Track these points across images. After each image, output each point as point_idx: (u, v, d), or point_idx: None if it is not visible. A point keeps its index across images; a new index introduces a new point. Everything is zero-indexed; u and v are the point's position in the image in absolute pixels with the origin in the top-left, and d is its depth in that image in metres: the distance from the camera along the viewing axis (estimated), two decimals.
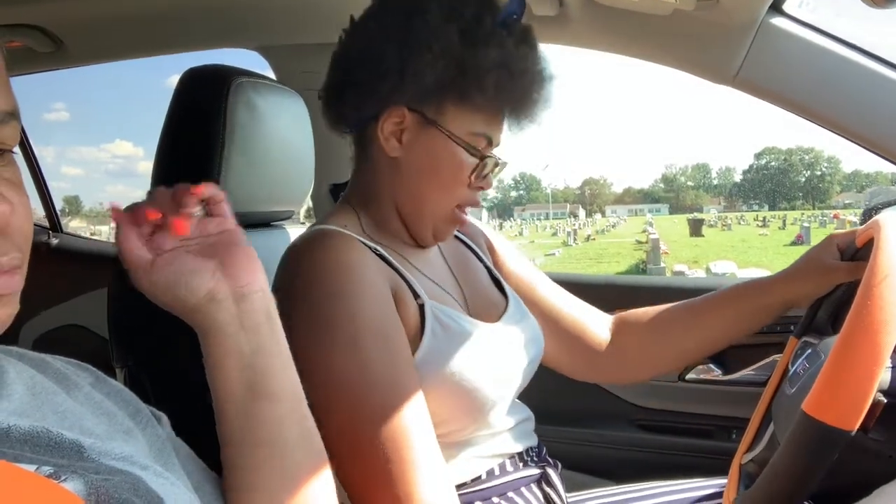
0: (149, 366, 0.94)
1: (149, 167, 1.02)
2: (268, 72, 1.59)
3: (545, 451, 0.96)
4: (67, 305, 1.93)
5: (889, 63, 0.96)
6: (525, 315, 0.96)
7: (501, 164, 0.89)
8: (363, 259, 0.79)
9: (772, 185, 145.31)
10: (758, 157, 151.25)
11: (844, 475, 0.67)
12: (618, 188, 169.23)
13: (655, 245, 19.75)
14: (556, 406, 1.24)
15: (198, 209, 0.57)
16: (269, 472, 0.56)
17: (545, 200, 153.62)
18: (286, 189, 1.13)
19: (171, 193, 0.57)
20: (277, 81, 1.19)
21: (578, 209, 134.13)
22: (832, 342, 0.66)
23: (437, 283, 0.89)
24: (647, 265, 17.99)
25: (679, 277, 7.74)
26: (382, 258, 0.83)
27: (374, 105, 0.84)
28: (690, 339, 1.02)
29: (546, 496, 0.90)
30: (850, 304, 0.65)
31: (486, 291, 0.97)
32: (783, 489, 0.66)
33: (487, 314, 0.92)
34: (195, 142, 0.97)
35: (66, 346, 0.59)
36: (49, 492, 0.38)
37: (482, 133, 0.84)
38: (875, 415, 0.62)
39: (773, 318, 0.98)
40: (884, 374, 0.63)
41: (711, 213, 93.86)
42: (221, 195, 0.58)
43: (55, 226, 2.04)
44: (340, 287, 0.75)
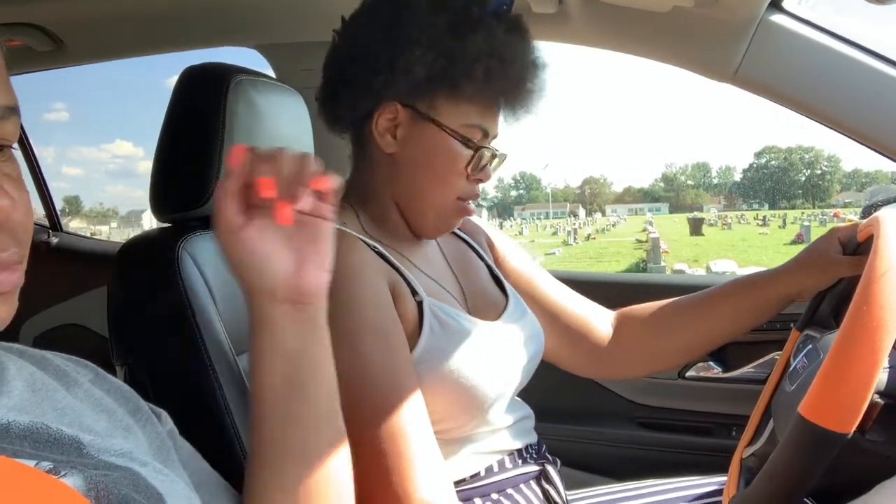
0: (149, 364, 0.94)
1: (149, 167, 1.02)
2: (267, 70, 1.59)
3: (544, 449, 0.96)
4: (67, 304, 1.92)
5: (889, 60, 0.96)
6: (525, 313, 0.96)
7: (501, 157, 0.89)
8: (363, 258, 0.79)
9: (772, 184, 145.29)
10: (758, 156, 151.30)
11: (843, 474, 0.67)
12: (618, 187, 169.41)
13: (656, 244, 19.75)
14: (556, 403, 1.24)
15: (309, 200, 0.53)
16: (297, 477, 0.56)
17: (545, 200, 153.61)
18: None
19: (292, 174, 0.53)
20: (277, 80, 1.20)
21: (578, 208, 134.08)
22: (832, 339, 0.66)
23: (437, 281, 0.89)
24: (648, 264, 18.00)
25: (680, 275, 7.74)
26: (381, 256, 0.83)
27: (368, 102, 0.84)
28: (693, 335, 1.02)
29: (545, 493, 0.90)
30: (852, 298, 0.65)
31: (486, 289, 0.97)
32: (780, 490, 0.66)
33: (487, 312, 0.92)
34: (195, 140, 0.97)
35: (66, 345, 0.58)
36: (49, 487, 0.38)
37: (477, 125, 0.84)
38: (872, 416, 0.62)
39: (776, 312, 0.98)
40: (880, 376, 0.62)
41: (711, 212, 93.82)
42: (337, 187, 0.55)
43: (55, 225, 2.04)
44: (340, 286, 0.75)
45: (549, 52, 0.89)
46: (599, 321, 1.06)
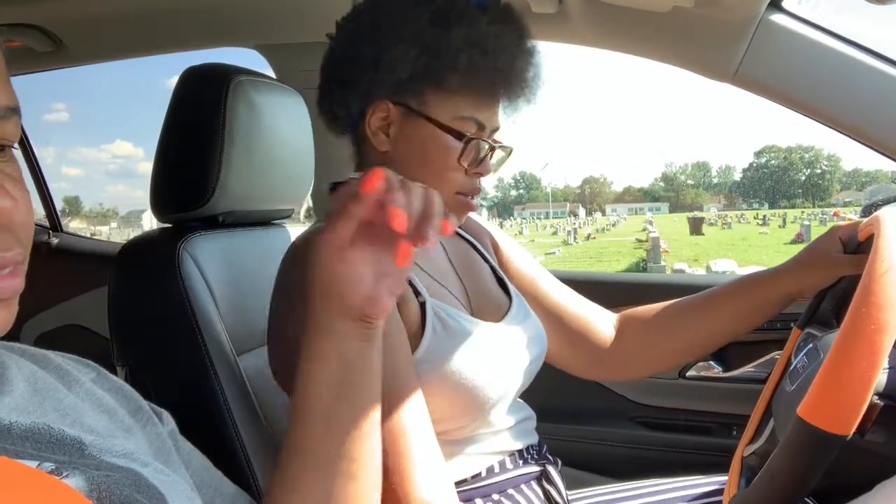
0: (149, 364, 0.94)
1: (149, 167, 1.02)
2: (267, 71, 1.59)
3: (545, 449, 0.96)
4: (68, 305, 1.93)
5: (889, 60, 0.96)
6: (528, 315, 0.96)
7: (506, 150, 0.88)
8: None
9: (772, 184, 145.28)
10: (758, 156, 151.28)
11: (843, 475, 0.67)
12: (618, 187, 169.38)
13: (656, 243, 19.75)
14: (556, 403, 1.24)
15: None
16: (329, 481, 0.57)
17: (545, 199, 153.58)
18: (286, 187, 1.13)
19: (420, 211, 0.53)
20: (277, 80, 1.20)
21: (578, 208, 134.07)
22: (832, 339, 0.66)
23: (440, 282, 0.89)
24: (648, 264, 17.99)
25: (680, 275, 7.73)
26: None
27: (360, 102, 0.84)
28: (694, 335, 1.02)
29: (546, 493, 0.90)
30: (852, 297, 0.65)
31: (490, 291, 0.97)
32: (781, 491, 0.66)
33: (490, 313, 0.92)
34: (195, 141, 0.97)
35: (67, 346, 0.59)
36: (51, 487, 0.38)
37: (469, 117, 0.83)
38: (871, 418, 0.62)
39: (777, 312, 0.98)
40: (880, 377, 0.62)
41: (711, 212, 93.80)
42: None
43: (55, 225, 2.04)
44: None
45: (549, 52, 0.88)
46: (601, 323, 1.06)
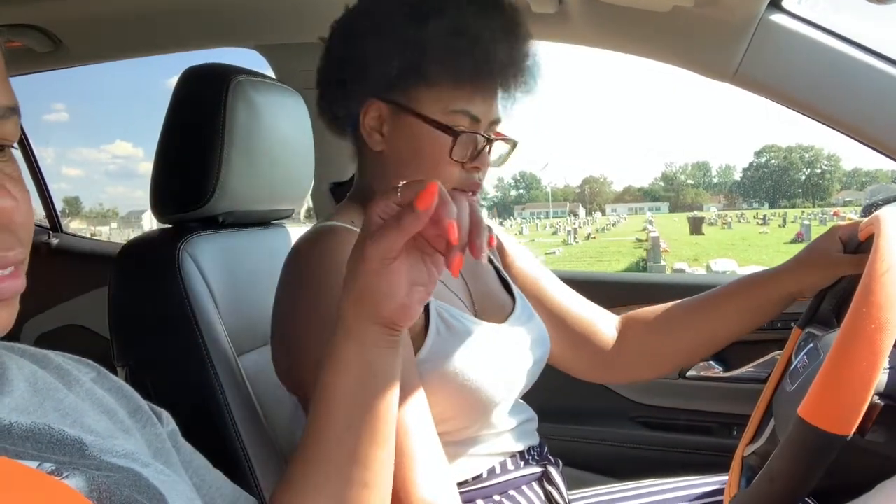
0: (149, 364, 0.94)
1: (149, 167, 1.02)
2: (267, 71, 1.59)
3: (546, 450, 0.96)
4: (68, 305, 1.93)
5: (889, 59, 0.96)
6: (532, 316, 0.96)
7: (511, 142, 0.87)
8: None
9: (772, 183, 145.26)
10: (758, 155, 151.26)
11: (843, 474, 0.67)
12: (618, 186, 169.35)
13: (656, 243, 19.75)
14: (557, 403, 1.24)
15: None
16: (341, 483, 0.57)
17: (545, 199, 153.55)
18: (286, 187, 1.13)
19: (469, 224, 0.54)
20: (277, 80, 1.20)
21: (578, 208, 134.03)
22: (832, 339, 0.66)
23: (444, 283, 0.89)
24: (648, 263, 17.99)
25: (680, 274, 7.74)
26: None
27: (352, 103, 0.84)
28: (696, 336, 1.02)
29: (547, 494, 0.90)
30: (853, 297, 0.65)
31: (494, 292, 0.96)
32: (781, 491, 0.66)
33: (494, 315, 0.91)
34: (195, 141, 0.97)
35: (67, 346, 0.59)
36: (51, 488, 0.38)
37: (461, 110, 0.81)
38: (872, 418, 0.62)
39: (778, 311, 0.98)
40: (880, 377, 0.62)
41: (711, 212, 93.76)
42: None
43: (55, 226, 2.04)
44: (341, 285, 0.75)
45: (549, 52, 0.87)
46: (604, 325, 1.06)
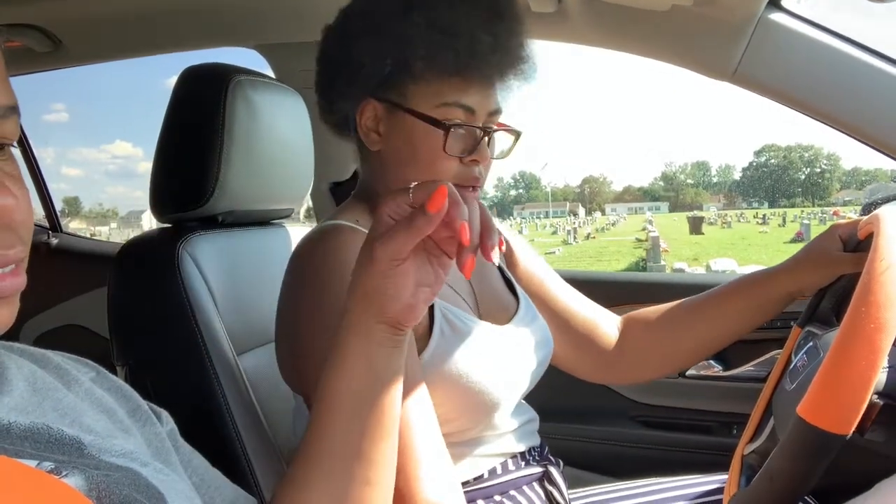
0: (149, 364, 0.95)
1: (148, 167, 1.02)
2: (267, 71, 1.59)
3: (547, 450, 0.96)
4: (67, 305, 1.93)
5: (888, 58, 0.96)
6: (535, 317, 0.96)
7: (514, 133, 0.86)
8: None
9: (771, 183, 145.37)
10: (757, 155, 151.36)
11: (842, 474, 0.67)
12: (617, 186, 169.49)
13: (655, 243, 19.74)
14: (556, 403, 1.24)
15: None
16: (344, 480, 0.57)
17: (545, 199, 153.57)
18: (285, 187, 1.13)
19: (479, 225, 0.54)
20: (277, 80, 1.20)
21: (578, 207, 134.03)
22: (832, 337, 0.66)
23: (448, 284, 0.88)
24: (648, 263, 17.99)
25: (680, 274, 7.73)
26: None
27: (348, 104, 0.84)
28: (699, 337, 1.02)
29: (548, 494, 0.90)
30: (852, 295, 0.65)
31: (498, 293, 0.96)
32: (780, 490, 0.66)
33: (498, 316, 0.91)
34: (194, 140, 0.97)
35: (67, 346, 0.59)
36: (50, 487, 0.38)
37: (454, 102, 0.80)
38: (871, 417, 0.62)
39: (779, 310, 0.98)
40: (879, 376, 0.62)
41: (711, 211, 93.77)
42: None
43: (55, 226, 2.04)
44: (345, 284, 0.75)
45: (549, 52, 0.86)
46: (606, 326, 1.06)
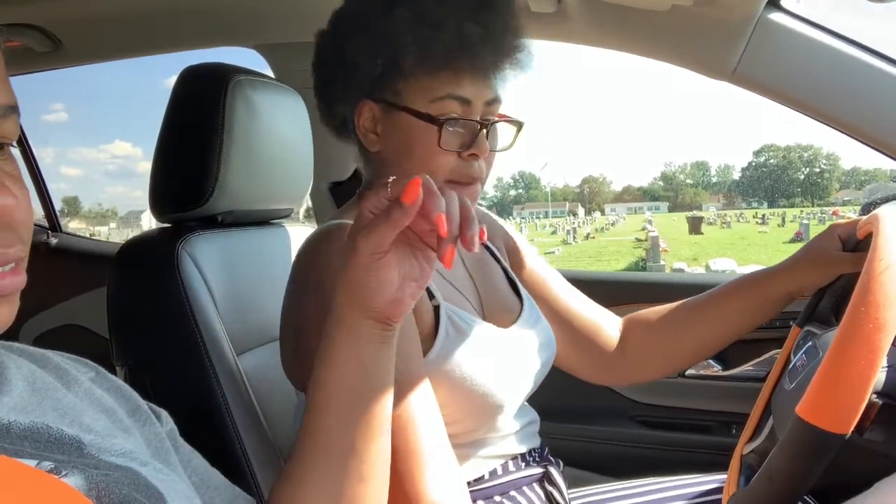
0: (148, 364, 0.95)
1: (148, 167, 1.02)
2: (267, 71, 1.59)
3: (547, 451, 0.96)
4: (67, 305, 1.92)
5: (888, 58, 0.96)
6: (539, 319, 0.96)
7: (516, 123, 0.86)
8: None
9: (771, 183, 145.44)
10: (756, 155, 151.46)
11: (841, 473, 0.67)
12: (617, 186, 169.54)
13: (655, 243, 19.74)
14: (556, 403, 1.24)
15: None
16: (340, 477, 0.58)
17: (544, 199, 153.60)
18: (285, 187, 1.13)
19: (458, 216, 0.54)
20: (276, 80, 1.20)
21: (578, 207, 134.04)
22: (831, 337, 0.66)
23: (454, 285, 0.88)
24: (647, 263, 17.98)
25: (680, 274, 7.73)
26: None
27: (346, 106, 0.84)
28: (699, 337, 1.02)
29: (548, 494, 0.90)
30: (851, 295, 0.65)
31: (502, 294, 0.96)
32: (779, 489, 0.66)
33: (502, 317, 0.91)
34: (194, 140, 0.97)
35: (66, 346, 0.59)
36: (50, 486, 0.38)
37: (448, 94, 0.79)
38: (870, 417, 0.62)
39: (778, 310, 0.98)
40: (879, 375, 0.62)
41: (711, 211, 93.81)
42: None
43: (54, 226, 2.04)
44: None
45: (548, 52, 0.86)
46: (608, 327, 1.06)
